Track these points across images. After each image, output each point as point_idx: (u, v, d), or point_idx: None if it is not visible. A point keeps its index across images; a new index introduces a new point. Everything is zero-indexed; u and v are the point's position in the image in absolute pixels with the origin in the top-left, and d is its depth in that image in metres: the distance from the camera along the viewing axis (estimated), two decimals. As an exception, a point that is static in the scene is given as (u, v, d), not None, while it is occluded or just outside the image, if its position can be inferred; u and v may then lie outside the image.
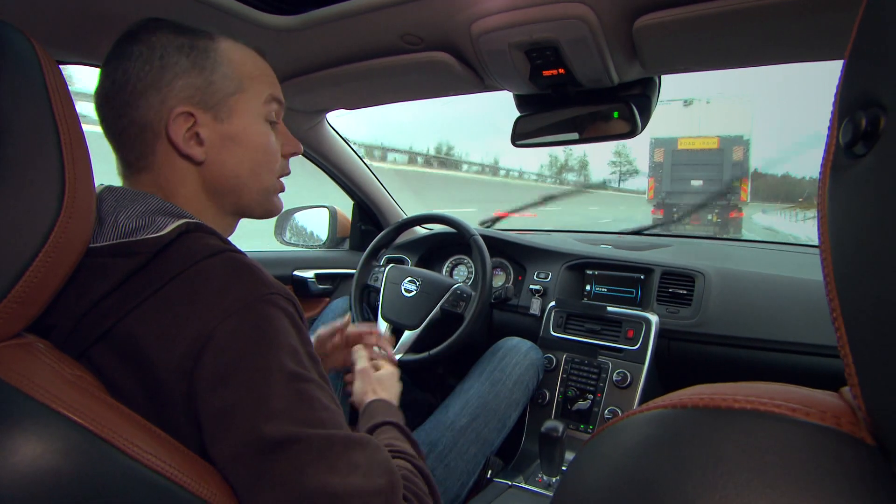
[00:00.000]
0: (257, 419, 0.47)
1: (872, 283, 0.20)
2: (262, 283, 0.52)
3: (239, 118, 0.62)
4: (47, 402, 0.41)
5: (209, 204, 0.62)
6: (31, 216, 0.44)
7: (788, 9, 0.69)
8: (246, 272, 0.52)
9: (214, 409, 0.48)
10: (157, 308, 0.50)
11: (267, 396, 0.48)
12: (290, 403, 0.48)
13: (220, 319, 0.48)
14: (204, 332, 0.48)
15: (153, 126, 0.58)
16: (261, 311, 0.50)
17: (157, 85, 0.57)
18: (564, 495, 0.28)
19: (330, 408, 0.51)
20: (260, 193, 0.66)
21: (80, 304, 0.50)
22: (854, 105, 0.22)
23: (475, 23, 0.83)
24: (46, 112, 0.46)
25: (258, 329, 0.49)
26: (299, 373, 0.50)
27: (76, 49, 0.91)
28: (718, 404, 0.23)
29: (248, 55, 0.64)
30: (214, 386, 0.48)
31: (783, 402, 0.22)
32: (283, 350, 0.50)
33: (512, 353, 1.21)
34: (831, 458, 0.20)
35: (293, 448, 0.47)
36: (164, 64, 0.57)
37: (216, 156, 0.61)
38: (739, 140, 13.55)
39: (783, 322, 1.16)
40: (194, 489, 0.46)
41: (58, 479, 0.39)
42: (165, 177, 0.59)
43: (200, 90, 0.59)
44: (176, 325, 0.49)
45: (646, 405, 0.27)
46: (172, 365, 0.48)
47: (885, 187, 0.20)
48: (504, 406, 1.10)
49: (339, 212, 1.85)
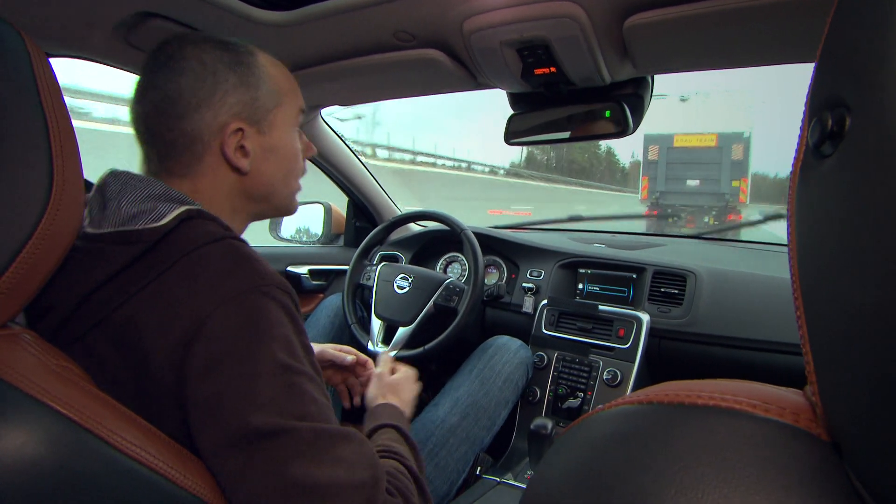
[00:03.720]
0: (245, 409, 0.48)
1: (830, 281, 0.20)
2: (259, 273, 0.53)
3: (277, 130, 0.67)
4: (32, 393, 0.41)
5: (239, 208, 0.66)
6: (18, 208, 0.44)
7: (778, 9, 0.69)
8: (244, 261, 0.53)
9: (203, 398, 0.48)
10: (157, 294, 0.51)
11: (256, 387, 0.48)
12: (278, 395, 0.49)
13: (214, 307, 0.49)
14: (198, 319, 0.49)
15: (203, 138, 0.61)
16: (256, 302, 0.51)
17: (209, 101, 0.60)
18: (534, 487, 0.29)
19: (319, 401, 0.52)
20: (288, 197, 0.72)
21: (80, 289, 0.51)
22: (822, 105, 0.23)
23: (467, 20, 0.84)
24: (35, 104, 0.46)
25: (252, 319, 0.50)
26: (291, 365, 0.51)
27: (66, 42, 0.90)
28: (682, 400, 0.24)
29: (282, 70, 0.69)
30: (204, 374, 0.48)
31: (745, 398, 0.23)
32: (276, 341, 0.51)
33: (501, 351, 1.21)
34: (787, 454, 0.20)
35: (279, 439, 0.48)
36: (217, 81, 0.61)
37: (258, 166, 0.65)
38: (739, 137, 12.62)
39: (773, 322, 1.17)
40: (178, 480, 0.46)
41: (41, 469, 0.39)
42: (205, 183, 0.62)
43: (248, 106, 0.63)
44: (172, 311, 0.50)
45: (615, 401, 0.27)
46: (166, 352, 0.49)
47: (848, 187, 0.20)
48: (494, 404, 1.11)
49: (334, 208, 1.85)
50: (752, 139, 12.68)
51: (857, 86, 0.20)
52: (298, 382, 0.51)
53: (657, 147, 13.12)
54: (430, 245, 1.72)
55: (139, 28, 0.88)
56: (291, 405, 0.49)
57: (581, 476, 0.25)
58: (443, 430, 1.03)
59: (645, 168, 13.45)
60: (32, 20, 0.82)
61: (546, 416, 1.27)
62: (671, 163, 13.04)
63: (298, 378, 0.51)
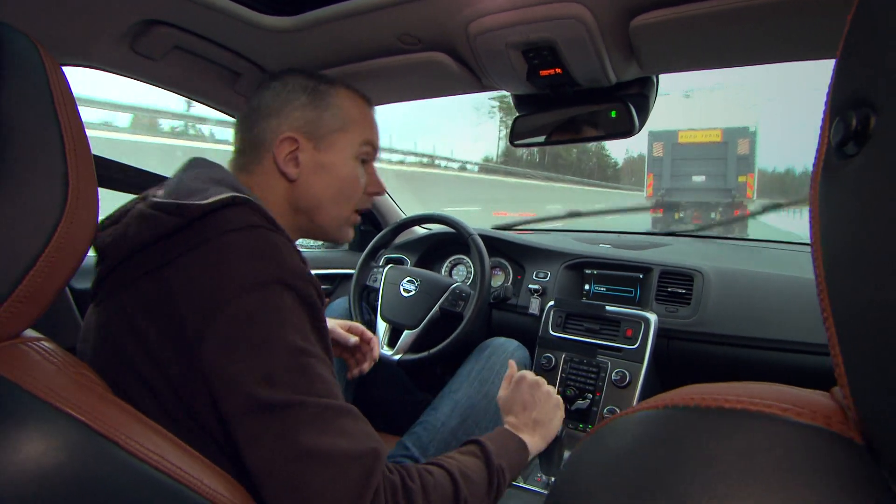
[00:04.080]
0: (258, 386, 0.51)
1: (863, 283, 0.20)
2: (284, 265, 0.56)
3: (335, 152, 0.74)
4: (51, 401, 0.41)
5: (286, 214, 0.73)
6: (34, 218, 0.44)
7: (785, 8, 0.69)
8: (270, 252, 0.56)
9: (219, 373, 0.52)
10: (188, 266, 0.54)
11: (270, 367, 0.52)
12: (290, 373, 0.53)
13: (236, 294, 0.52)
14: (220, 301, 0.52)
15: (266, 142, 0.71)
16: (276, 292, 0.54)
17: (278, 112, 0.72)
18: (558, 495, 0.28)
19: (328, 380, 0.56)
20: (335, 220, 0.76)
21: (129, 245, 0.56)
22: (845, 104, 0.22)
23: (472, 23, 0.84)
24: (50, 115, 0.46)
25: (271, 308, 0.54)
26: (304, 348, 0.54)
27: (73, 51, 0.91)
28: (709, 404, 0.24)
29: (357, 103, 0.76)
30: (222, 350, 0.52)
31: (774, 401, 0.22)
32: (292, 328, 0.54)
33: (499, 352, 1.19)
34: (821, 458, 0.20)
35: (290, 411, 0.52)
36: (289, 98, 0.72)
37: (307, 178, 0.72)
38: (745, 132, 12.38)
39: (782, 321, 1.16)
40: (198, 488, 0.46)
41: (60, 477, 0.39)
42: (260, 181, 0.71)
43: (310, 122, 0.72)
44: (199, 286, 0.53)
45: (638, 405, 0.27)
46: (191, 319, 0.52)
47: (876, 187, 0.20)
48: (494, 406, 1.07)
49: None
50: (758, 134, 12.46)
51: (885, 85, 0.20)
52: (309, 363, 0.54)
53: (662, 143, 12.89)
54: (435, 248, 1.72)
55: (145, 36, 0.89)
56: (302, 383, 0.53)
57: (609, 484, 0.24)
58: (444, 433, 1.02)
59: (650, 165, 13.21)
60: (39, 29, 0.83)
61: (555, 417, 1.27)
62: (676, 159, 12.83)
63: (309, 360, 0.54)
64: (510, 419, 0.85)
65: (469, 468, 0.66)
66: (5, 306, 0.43)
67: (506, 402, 0.88)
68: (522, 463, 0.78)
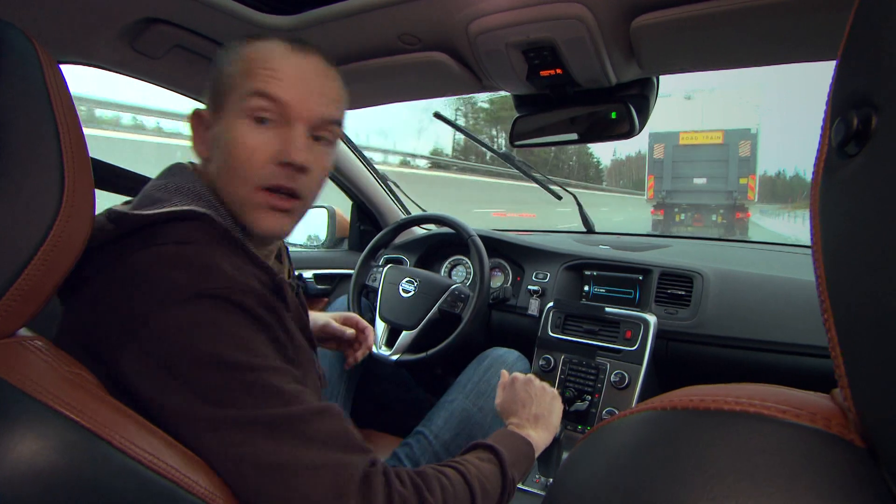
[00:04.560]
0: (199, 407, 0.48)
1: (863, 284, 0.20)
2: (209, 277, 0.51)
3: (225, 116, 0.60)
4: (45, 401, 0.41)
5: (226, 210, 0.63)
6: (30, 215, 0.44)
7: (786, 8, 0.69)
8: (192, 265, 0.51)
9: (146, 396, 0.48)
10: (109, 282, 0.51)
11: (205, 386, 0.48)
12: (232, 391, 0.49)
13: (155, 310, 0.49)
14: (138, 320, 0.49)
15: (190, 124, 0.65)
16: (202, 307, 0.50)
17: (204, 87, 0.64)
18: (556, 495, 0.28)
19: (284, 390, 0.51)
20: (236, 203, 0.61)
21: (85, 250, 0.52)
22: (846, 104, 0.22)
23: (472, 23, 0.83)
24: (47, 112, 0.46)
25: (195, 323, 0.49)
26: (246, 362, 0.50)
27: (72, 49, 0.91)
28: (708, 406, 0.23)
29: (255, 46, 0.61)
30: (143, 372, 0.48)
31: (773, 403, 0.22)
32: (227, 343, 0.49)
33: (497, 363, 1.16)
34: (820, 460, 0.20)
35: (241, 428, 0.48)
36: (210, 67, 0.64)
37: (210, 158, 0.63)
38: (746, 134, 12.34)
39: (782, 323, 1.16)
40: (192, 488, 0.46)
41: (55, 478, 0.39)
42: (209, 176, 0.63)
43: (212, 89, 0.62)
44: (114, 303, 0.50)
45: (637, 406, 0.27)
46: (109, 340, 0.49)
47: (877, 188, 0.20)
48: (490, 419, 1.05)
49: (337, 212, 1.85)
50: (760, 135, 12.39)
51: (886, 85, 0.20)
52: (258, 378, 0.50)
53: (662, 145, 12.85)
54: (434, 248, 1.72)
55: (145, 34, 0.88)
56: (248, 398, 0.49)
57: (607, 483, 0.24)
58: (436, 446, 0.99)
59: (651, 167, 13.17)
60: (38, 27, 0.82)
61: (553, 418, 1.27)
62: (677, 161, 12.77)
63: (257, 374, 0.50)
64: (512, 420, 0.85)
65: (487, 478, 0.64)
66: (0, 304, 0.43)
67: (504, 406, 0.88)
68: (530, 465, 0.78)
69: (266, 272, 0.60)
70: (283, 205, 0.61)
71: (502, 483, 0.66)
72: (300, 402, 0.52)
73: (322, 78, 0.63)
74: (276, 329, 0.55)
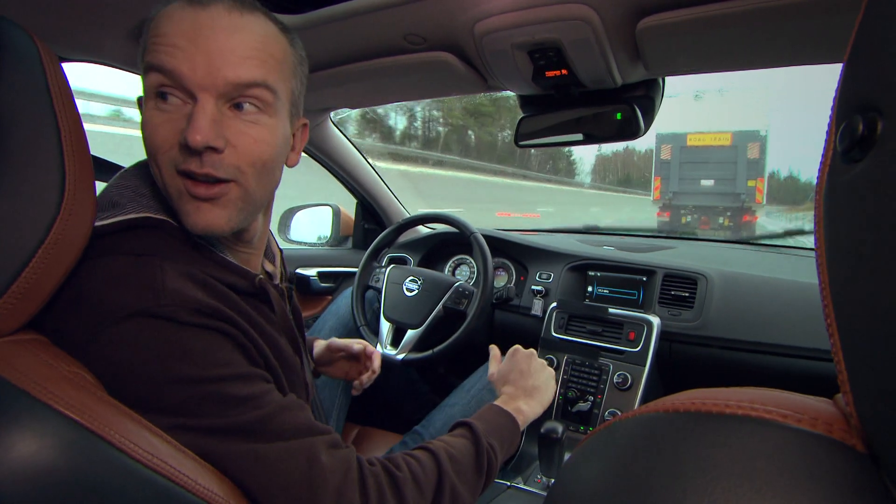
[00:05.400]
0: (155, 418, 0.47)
1: (867, 289, 0.20)
2: (143, 295, 0.49)
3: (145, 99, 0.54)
4: (45, 400, 0.41)
5: None
6: (31, 212, 0.44)
7: (794, 10, 0.68)
8: (129, 284, 0.49)
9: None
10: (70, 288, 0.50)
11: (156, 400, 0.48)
12: (185, 404, 0.48)
13: (98, 329, 0.48)
14: (87, 335, 0.48)
15: None
16: (133, 325, 0.48)
17: None
18: (557, 495, 0.28)
19: (243, 396, 0.51)
20: (169, 198, 0.55)
21: None
22: (851, 109, 0.22)
23: (478, 23, 0.83)
24: (47, 109, 0.46)
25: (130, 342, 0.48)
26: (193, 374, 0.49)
27: (80, 47, 0.91)
28: (710, 409, 0.23)
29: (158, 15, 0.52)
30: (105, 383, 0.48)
31: (775, 408, 0.22)
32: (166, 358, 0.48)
33: None
34: (821, 465, 0.20)
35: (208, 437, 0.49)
36: None
37: None
38: (755, 135, 12.09)
39: (785, 326, 1.15)
40: (192, 487, 0.46)
41: (55, 477, 0.39)
42: None
43: None
44: (69, 317, 0.49)
45: (640, 408, 0.27)
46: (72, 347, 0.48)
47: (881, 193, 0.19)
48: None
49: (342, 210, 1.85)
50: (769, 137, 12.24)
51: (892, 90, 0.20)
52: (209, 388, 0.50)
53: (670, 146, 12.68)
54: (438, 247, 1.72)
55: (152, 32, 0.89)
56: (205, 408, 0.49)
57: (608, 485, 0.24)
58: None
59: (657, 168, 12.98)
60: (46, 24, 0.83)
61: (555, 419, 1.26)
62: (684, 162, 12.60)
63: (208, 384, 0.50)
64: (507, 389, 0.86)
65: (456, 448, 0.65)
66: (1, 303, 0.43)
67: (502, 374, 0.88)
68: (515, 436, 0.78)
69: (242, 276, 0.58)
70: (200, 192, 0.53)
71: (476, 453, 0.66)
72: (261, 406, 0.52)
73: (227, 32, 0.51)
74: (237, 336, 0.54)
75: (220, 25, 0.51)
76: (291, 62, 0.59)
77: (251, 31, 0.53)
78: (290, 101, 0.60)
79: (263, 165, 0.56)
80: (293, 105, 0.61)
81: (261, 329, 0.58)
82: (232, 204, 0.55)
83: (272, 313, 0.62)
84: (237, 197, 0.55)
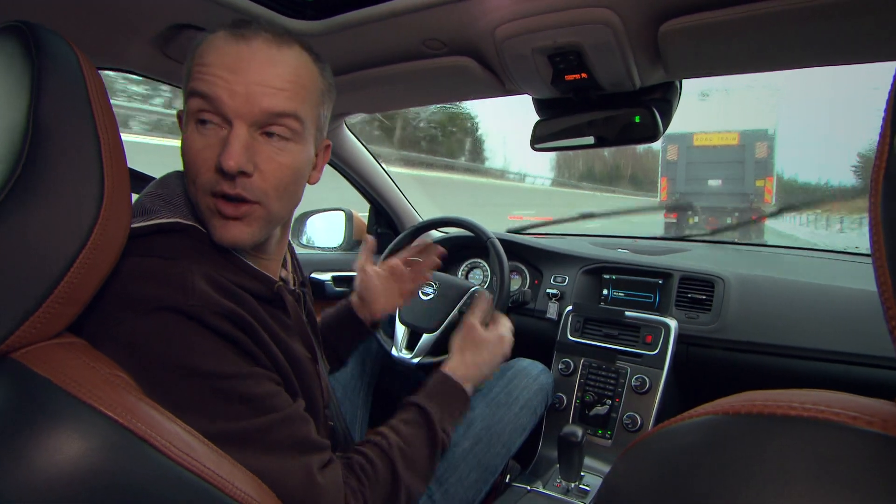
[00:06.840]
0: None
1: None
2: (174, 293, 0.53)
3: (186, 120, 0.59)
4: (89, 401, 0.42)
5: None
6: (71, 218, 0.45)
7: (817, 13, 0.68)
8: (161, 281, 0.53)
9: None
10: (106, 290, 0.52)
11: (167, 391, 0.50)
12: (192, 398, 0.52)
13: (125, 316, 0.51)
14: (112, 321, 0.51)
15: None
16: (159, 318, 0.52)
17: None
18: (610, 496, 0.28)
19: (251, 396, 0.55)
20: (201, 213, 0.60)
21: None
22: None
23: (499, 28, 0.83)
24: (87, 117, 0.47)
25: (154, 333, 0.52)
26: (207, 370, 0.53)
27: (106, 56, 0.92)
28: (773, 411, 0.23)
29: (201, 43, 0.58)
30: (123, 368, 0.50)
31: (841, 409, 0.22)
32: (184, 352, 0.52)
33: (521, 375, 1.13)
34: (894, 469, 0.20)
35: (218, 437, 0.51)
36: None
37: None
38: (763, 135, 11.93)
39: (805, 329, 1.15)
40: (229, 490, 0.46)
41: (99, 479, 0.40)
42: None
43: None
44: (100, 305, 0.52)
45: (694, 410, 0.27)
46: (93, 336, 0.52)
47: None
48: (508, 431, 1.01)
49: (355, 214, 1.86)
50: (777, 136, 12.08)
51: None
52: (219, 385, 0.53)
53: (676, 147, 12.54)
54: (450, 251, 1.72)
55: (176, 40, 0.90)
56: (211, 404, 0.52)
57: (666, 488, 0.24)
58: (453, 455, 0.95)
59: (664, 168, 12.84)
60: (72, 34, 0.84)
61: (573, 423, 1.26)
62: (691, 162, 12.46)
63: (219, 380, 0.53)
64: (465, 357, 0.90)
65: (410, 443, 0.72)
66: (45, 307, 0.44)
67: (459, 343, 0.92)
68: (463, 414, 0.86)
69: (262, 281, 0.62)
70: (228, 211, 0.57)
71: (431, 441, 0.74)
72: (267, 411, 0.56)
73: (264, 65, 0.56)
74: (248, 343, 0.57)
75: (259, 59, 0.56)
76: (320, 90, 0.63)
77: (286, 65, 0.58)
78: (317, 127, 0.65)
79: (286, 189, 0.61)
80: (319, 130, 0.65)
81: (275, 334, 0.61)
82: (255, 222, 0.60)
83: (287, 318, 0.66)
84: (261, 216, 0.60)
